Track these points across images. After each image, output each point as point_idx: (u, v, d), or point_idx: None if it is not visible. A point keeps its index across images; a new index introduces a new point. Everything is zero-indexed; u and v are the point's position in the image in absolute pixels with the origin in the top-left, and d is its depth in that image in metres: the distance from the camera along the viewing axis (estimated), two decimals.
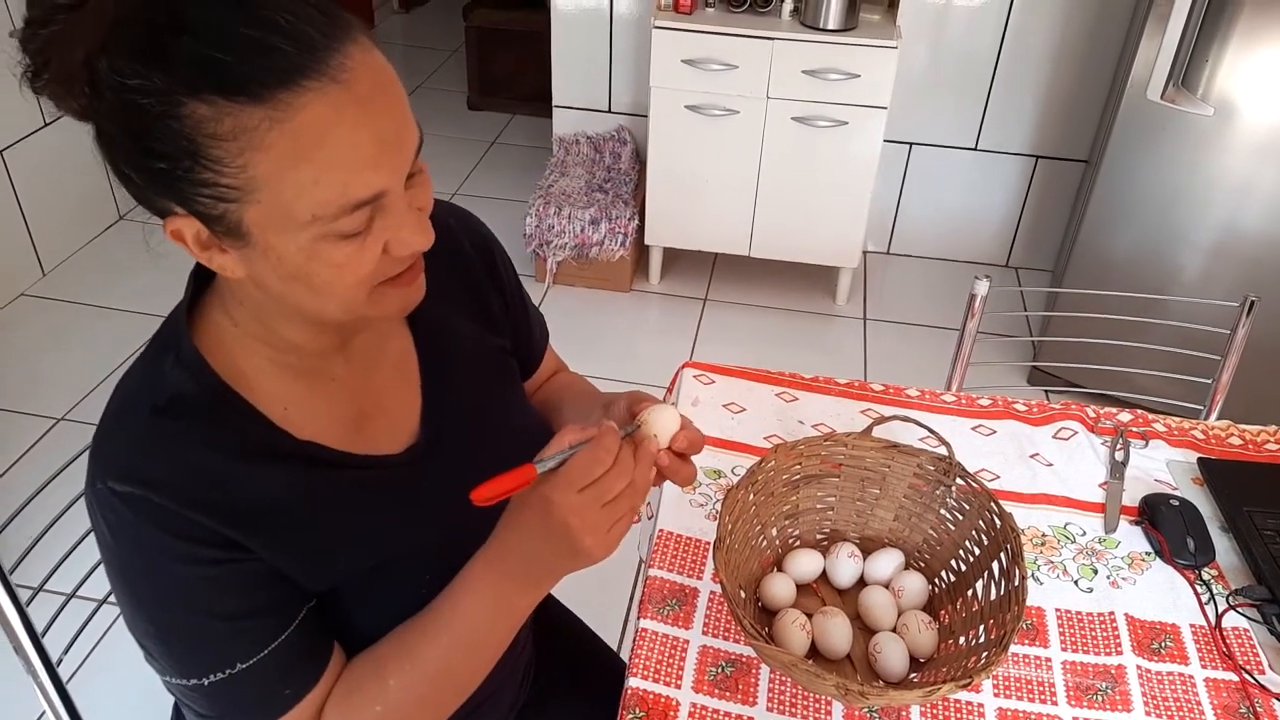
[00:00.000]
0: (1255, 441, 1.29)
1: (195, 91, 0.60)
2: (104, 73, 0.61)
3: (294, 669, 0.76)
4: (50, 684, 1.06)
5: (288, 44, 0.61)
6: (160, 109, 0.61)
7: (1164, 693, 0.97)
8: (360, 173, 0.64)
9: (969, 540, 1.00)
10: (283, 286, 0.69)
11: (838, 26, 2.62)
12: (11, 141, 2.80)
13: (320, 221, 0.64)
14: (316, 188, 0.63)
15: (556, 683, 1.14)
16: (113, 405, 0.74)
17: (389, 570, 0.81)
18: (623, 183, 3.13)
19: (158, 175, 0.64)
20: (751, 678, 0.96)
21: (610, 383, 2.64)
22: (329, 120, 0.62)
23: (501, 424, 0.93)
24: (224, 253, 0.68)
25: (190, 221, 0.66)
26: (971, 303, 1.61)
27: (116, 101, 0.62)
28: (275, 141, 0.61)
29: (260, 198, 0.63)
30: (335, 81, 0.62)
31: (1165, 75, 2.18)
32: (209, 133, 0.61)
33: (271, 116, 0.60)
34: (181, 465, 0.71)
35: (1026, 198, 3.17)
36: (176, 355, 0.73)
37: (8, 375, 2.62)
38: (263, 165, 0.62)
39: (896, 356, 2.88)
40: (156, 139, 0.62)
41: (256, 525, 0.73)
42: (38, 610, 1.05)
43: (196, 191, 0.63)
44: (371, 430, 0.82)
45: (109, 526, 0.71)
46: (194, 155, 0.62)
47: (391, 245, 0.69)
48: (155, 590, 0.71)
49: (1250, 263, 2.32)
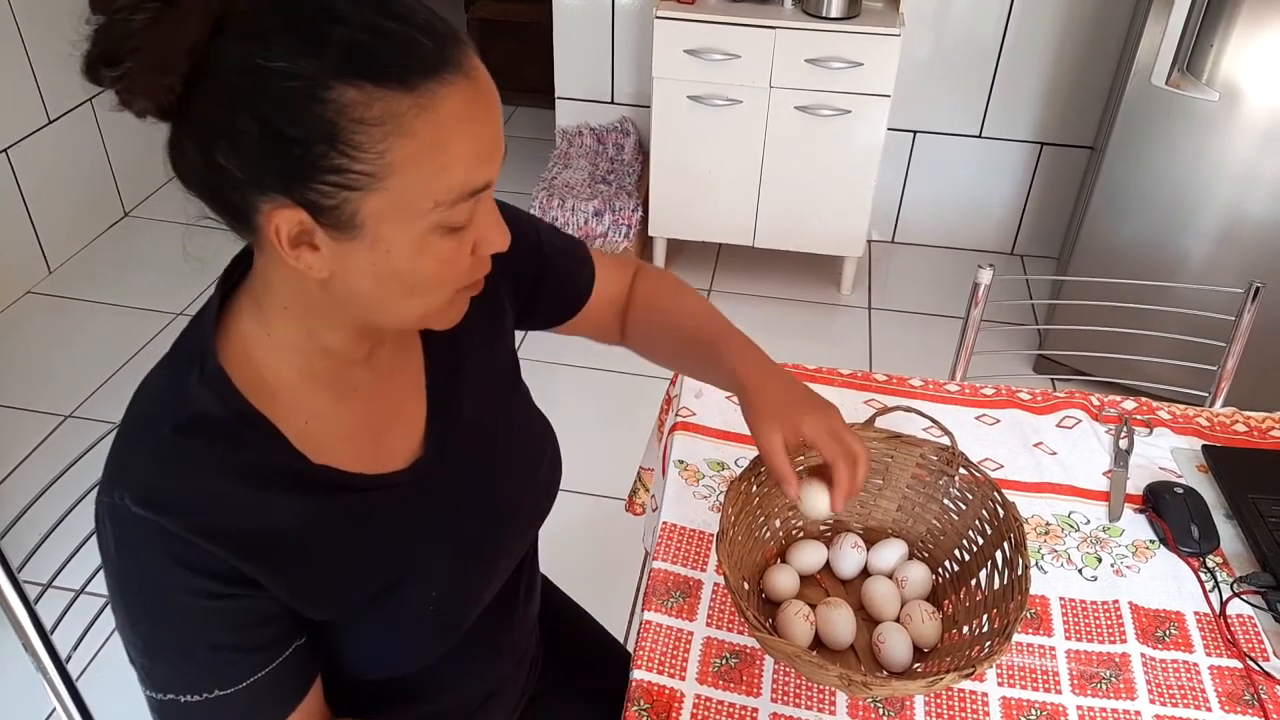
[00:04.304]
0: (1260, 428, 1.29)
1: (345, 76, 0.62)
2: (232, 56, 0.62)
3: (270, 702, 0.76)
4: (60, 680, 1.07)
5: (426, 39, 0.64)
6: (307, 91, 0.61)
7: (1168, 680, 0.97)
8: (479, 165, 0.68)
9: (972, 530, 1.00)
10: (374, 284, 0.70)
11: (840, 15, 2.61)
12: (17, 139, 2.80)
13: (440, 208, 0.67)
14: (445, 174, 0.66)
15: (563, 675, 1.15)
16: (133, 417, 0.74)
17: (398, 591, 0.80)
18: (626, 174, 3.12)
19: (279, 161, 0.64)
20: (756, 669, 0.97)
21: (615, 375, 2.65)
22: (462, 113, 0.66)
23: (504, 435, 0.93)
24: (314, 250, 0.68)
25: (295, 213, 0.65)
26: (976, 291, 1.61)
27: (243, 86, 0.62)
28: (420, 129, 0.64)
29: (389, 185, 0.65)
30: (467, 77, 0.66)
31: (1170, 61, 2.17)
32: (355, 117, 0.62)
33: (419, 104, 0.63)
34: (199, 492, 0.70)
35: (1031, 185, 3.16)
36: (201, 371, 0.72)
37: (15, 373, 2.63)
38: (402, 151, 0.64)
39: (901, 345, 2.88)
40: (294, 122, 0.62)
41: (269, 556, 0.72)
42: (46, 607, 1.05)
43: (321, 178, 0.64)
44: (382, 444, 0.82)
45: (115, 540, 0.71)
46: (332, 139, 0.62)
47: (479, 244, 0.73)
48: (148, 608, 0.72)
49: (1256, 249, 2.31)
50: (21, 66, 2.77)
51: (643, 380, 2.62)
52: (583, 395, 2.57)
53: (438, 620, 0.84)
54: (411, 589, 0.81)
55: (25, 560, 1.06)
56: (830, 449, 0.88)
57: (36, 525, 1.08)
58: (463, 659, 0.92)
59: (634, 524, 1.43)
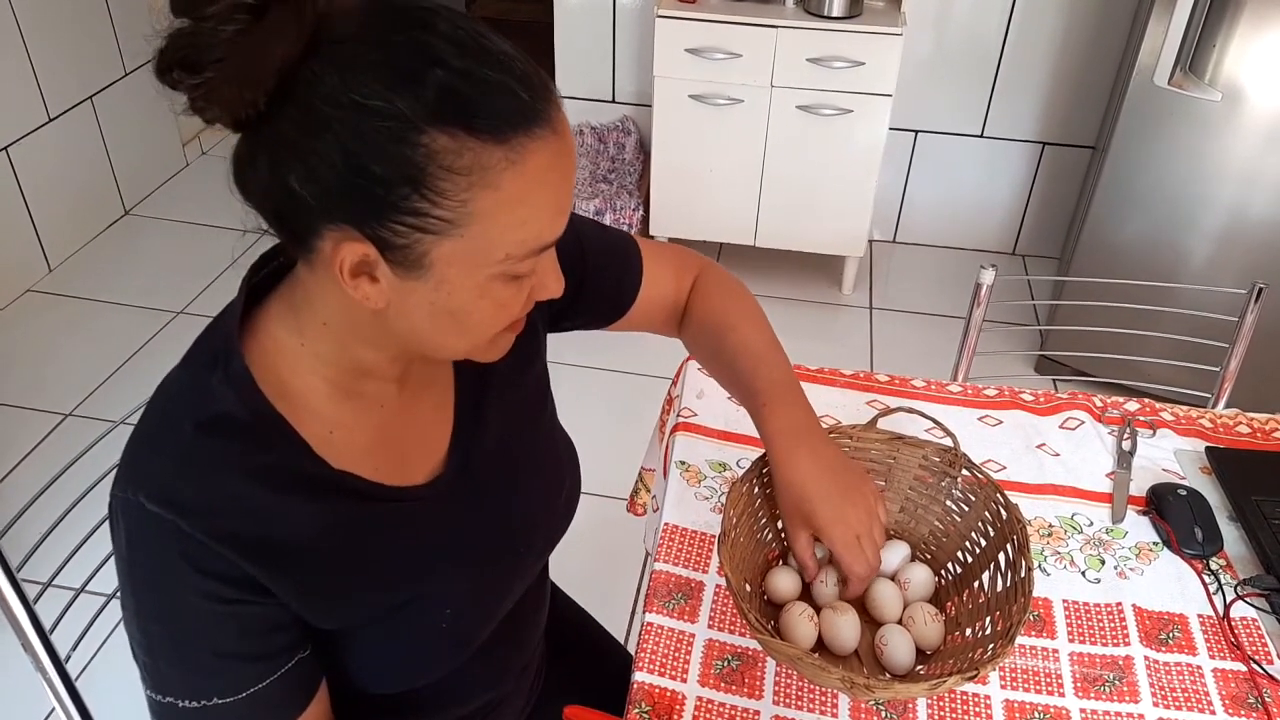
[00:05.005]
0: (1263, 430, 1.29)
1: (440, 122, 0.61)
2: (326, 85, 0.60)
3: (270, 714, 0.75)
4: (59, 680, 1.06)
5: (523, 90, 0.63)
6: (399, 133, 0.60)
7: (1172, 683, 0.96)
8: (554, 219, 0.68)
9: (975, 532, 1.00)
10: (428, 321, 0.69)
11: (842, 14, 2.61)
12: (17, 137, 2.79)
13: (510, 260, 0.67)
14: (522, 229, 0.66)
15: (566, 678, 1.14)
16: (153, 413, 0.73)
17: (411, 606, 0.80)
18: (627, 173, 3.12)
19: (357, 196, 0.62)
20: (758, 671, 0.96)
21: (617, 374, 2.65)
22: (547, 168, 0.65)
23: (527, 458, 0.92)
24: (374, 282, 0.67)
25: (362, 246, 0.64)
26: (978, 292, 1.61)
27: (334, 116, 0.60)
28: (506, 183, 0.63)
29: (466, 233, 0.64)
30: (555, 132, 0.65)
31: (1172, 61, 2.17)
32: (444, 164, 0.61)
33: (509, 158, 0.63)
34: (217, 493, 0.70)
35: (1033, 185, 3.16)
36: (225, 371, 0.71)
37: (15, 371, 2.63)
38: (484, 202, 0.63)
39: (903, 345, 2.88)
40: (380, 161, 0.61)
41: (281, 562, 0.72)
42: (46, 606, 1.05)
43: (397, 218, 0.63)
44: (405, 458, 0.81)
45: (128, 536, 0.70)
46: (417, 183, 0.61)
47: (535, 290, 0.73)
48: (155, 607, 0.71)
49: (1258, 249, 2.30)
50: (22, 64, 2.76)
51: (644, 380, 2.62)
52: (584, 394, 2.56)
53: (450, 637, 0.83)
54: (425, 605, 0.81)
55: (25, 559, 1.06)
56: (847, 561, 0.91)
57: (36, 524, 1.08)
58: (471, 672, 0.92)
59: (635, 524, 1.43)
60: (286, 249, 0.73)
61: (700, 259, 1.09)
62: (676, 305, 1.05)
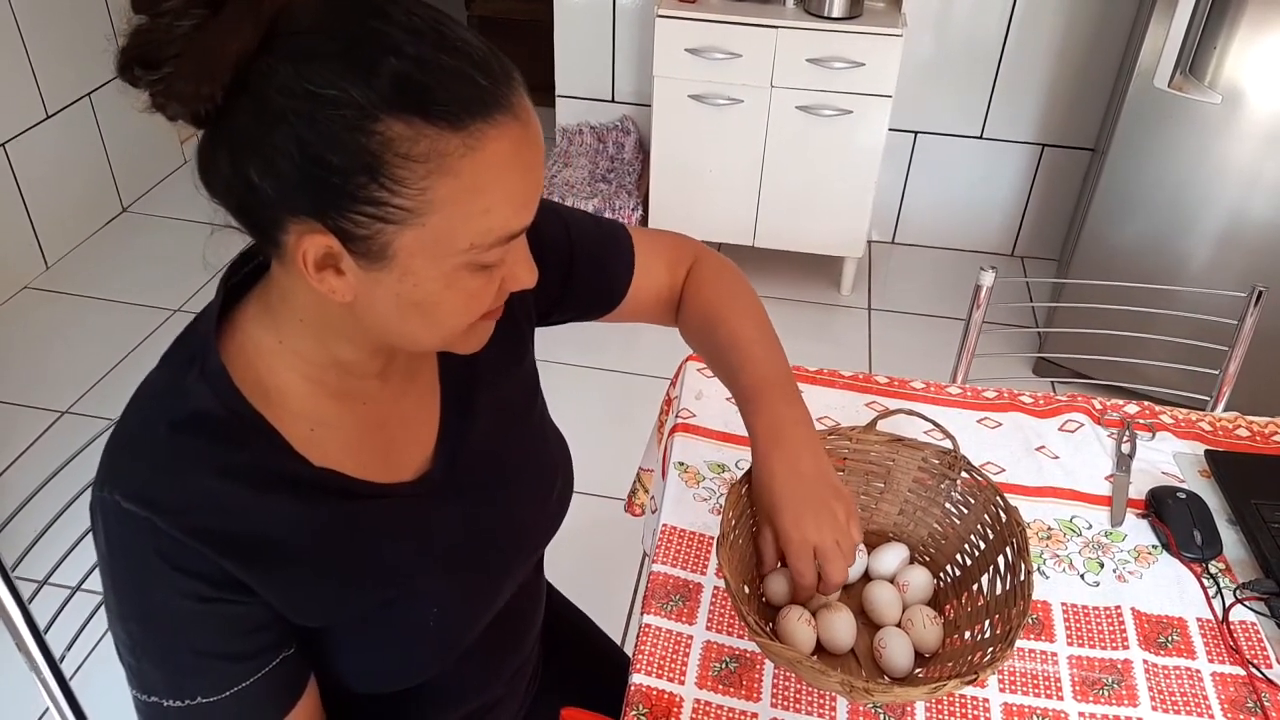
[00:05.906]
0: (1263, 433, 1.29)
1: (395, 110, 0.60)
2: (280, 76, 0.60)
3: (255, 713, 0.75)
4: (54, 680, 1.06)
5: (482, 77, 0.63)
6: (354, 122, 0.60)
7: (1170, 687, 0.96)
8: (519, 208, 0.67)
9: (974, 534, 0.99)
10: (396, 313, 0.69)
11: (842, 14, 2.60)
12: (14, 134, 2.79)
13: (475, 250, 0.66)
14: (485, 218, 0.65)
15: (562, 680, 1.14)
16: (130, 413, 0.73)
17: (396, 605, 0.80)
18: (626, 173, 3.12)
19: (315, 186, 0.62)
20: (756, 674, 0.96)
21: (615, 374, 2.64)
22: (509, 155, 0.64)
23: (516, 456, 0.92)
24: (339, 275, 0.66)
25: (324, 238, 0.64)
26: (977, 294, 1.60)
27: (289, 107, 0.60)
28: (464, 169, 0.62)
29: (427, 222, 0.63)
30: (516, 119, 0.64)
31: (1172, 63, 2.17)
32: (400, 152, 0.61)
33: (466, 144, 0.62)
34: (193, 491, 0.69)
35: (1032, 187, 3.15)
36: (201, 369, 0.71)
37: (11, 369, 2.62)
38: (443, 190, 0.62)
39: (901, 347, 2.88)
40: (336, 150, 0.60)
41: (261, 560, 0.71)
42: (41, 605, 1.04)
43: (356, 208, 0.62)
44: (390, 455, 0.81)
45: (107, 536, 0.70)
46: (374, 172, 0.61)
47: (506, 280, 0.72)
48: (137, 607, 0.71)
49: (1258, 252, 2.30)
50: (20, 61, 2.76)
51: (642, 379, 2.62)
52: (582, 394, 2.56)
53: (437, 637, 0.83)
54: (410, 604, 0.80)
55: (20, 557, 1.05)
56: (794, 566, 0.88)
57: (32, 522, 1.08)
58: (464, 674, 0.91)
59: (633, 524, 1.43)
60: (258, 247, 0.73)
61: (696, 246, 1.07)
62: (671, 295, 1.04)
